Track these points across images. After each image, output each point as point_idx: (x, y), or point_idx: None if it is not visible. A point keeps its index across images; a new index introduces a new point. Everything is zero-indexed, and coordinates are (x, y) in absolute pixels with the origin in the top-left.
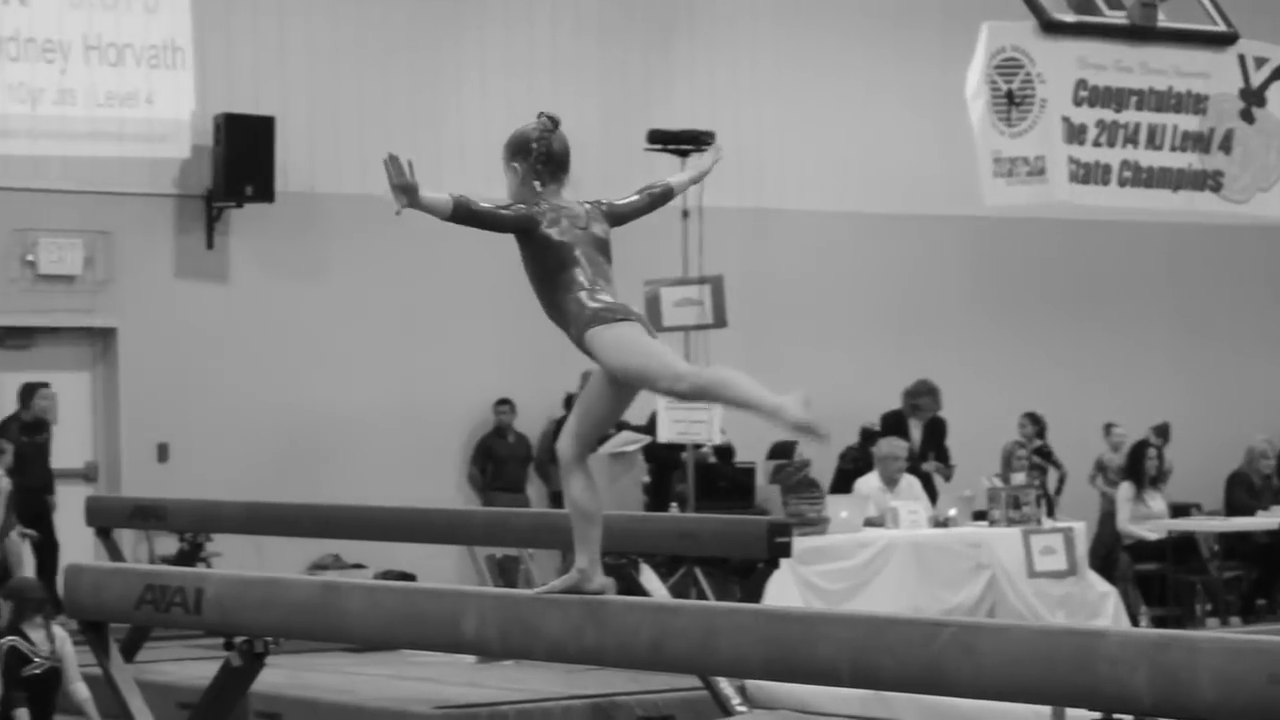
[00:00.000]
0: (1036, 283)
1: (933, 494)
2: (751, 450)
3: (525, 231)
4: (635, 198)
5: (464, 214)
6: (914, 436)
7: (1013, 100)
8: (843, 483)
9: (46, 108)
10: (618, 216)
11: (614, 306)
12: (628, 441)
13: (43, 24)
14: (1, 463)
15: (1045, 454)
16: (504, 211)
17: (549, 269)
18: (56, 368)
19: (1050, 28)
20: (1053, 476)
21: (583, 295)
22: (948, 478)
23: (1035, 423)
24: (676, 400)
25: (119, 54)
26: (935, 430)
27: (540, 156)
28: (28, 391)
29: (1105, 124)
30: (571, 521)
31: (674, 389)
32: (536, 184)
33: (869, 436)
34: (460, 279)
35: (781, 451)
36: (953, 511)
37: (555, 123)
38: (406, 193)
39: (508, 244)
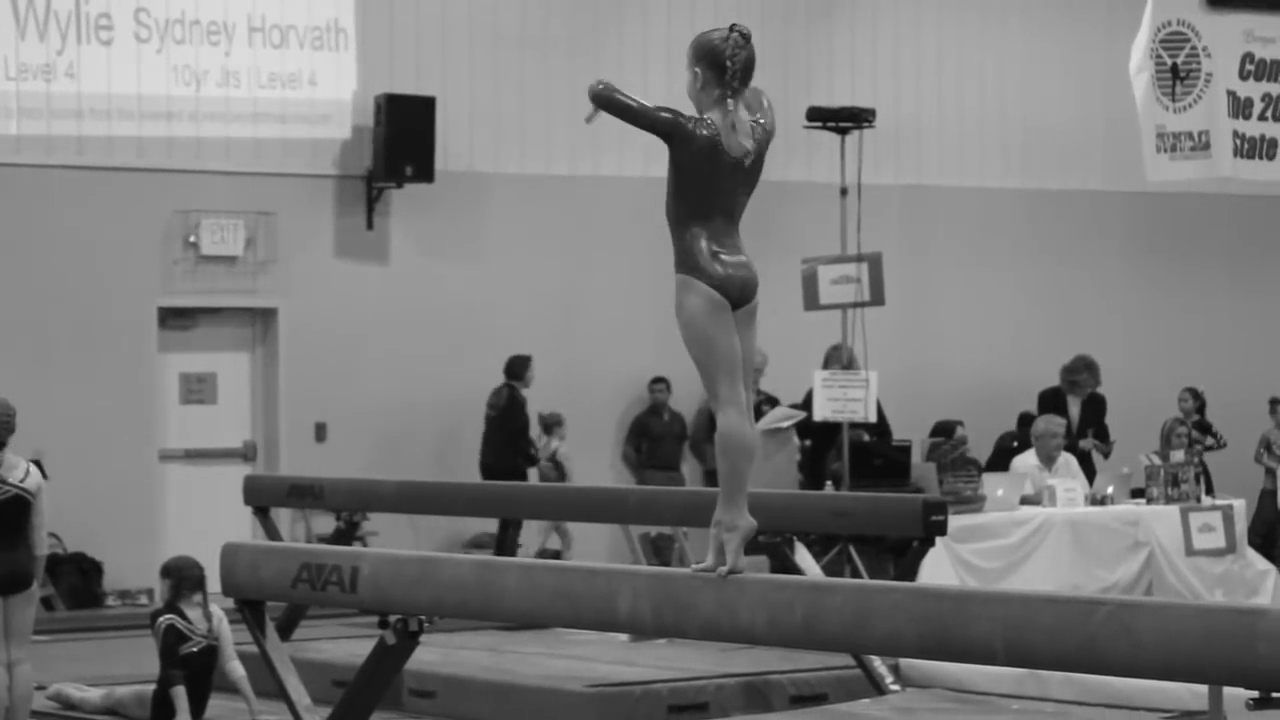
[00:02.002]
0: (1199, 258)
1: (1090, 472)
2: (906, 428)
3: (670, 136)
4: (770, 113)
5: (605, 100)
6: (1072, 414)
7: (1177, 75)
8: (1001, 462)
9: (210, 90)
10: (772, 132)
11: (716, 267)
12: (782, 418)
13: (208, 6)
14: None
15: (1205, 428)
16: (650, 111)
17: (684, 184)
18: (218, 348)
19: (1217, 1)
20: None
21: (701, 236)
22: (1106, 455)
23: (1196, 398)
24: (832, 378)
25: (282, 36)
26: (1094, 407)
27: (733, 72)
28: None
29: (1272, 98)
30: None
31: (711, 402)
32: (718, 92)
33: (1026, 421)
34: (617, 257)
35: (941, 430)
36: (1110, 489)
37: (747, 37)
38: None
39: (663, 223)
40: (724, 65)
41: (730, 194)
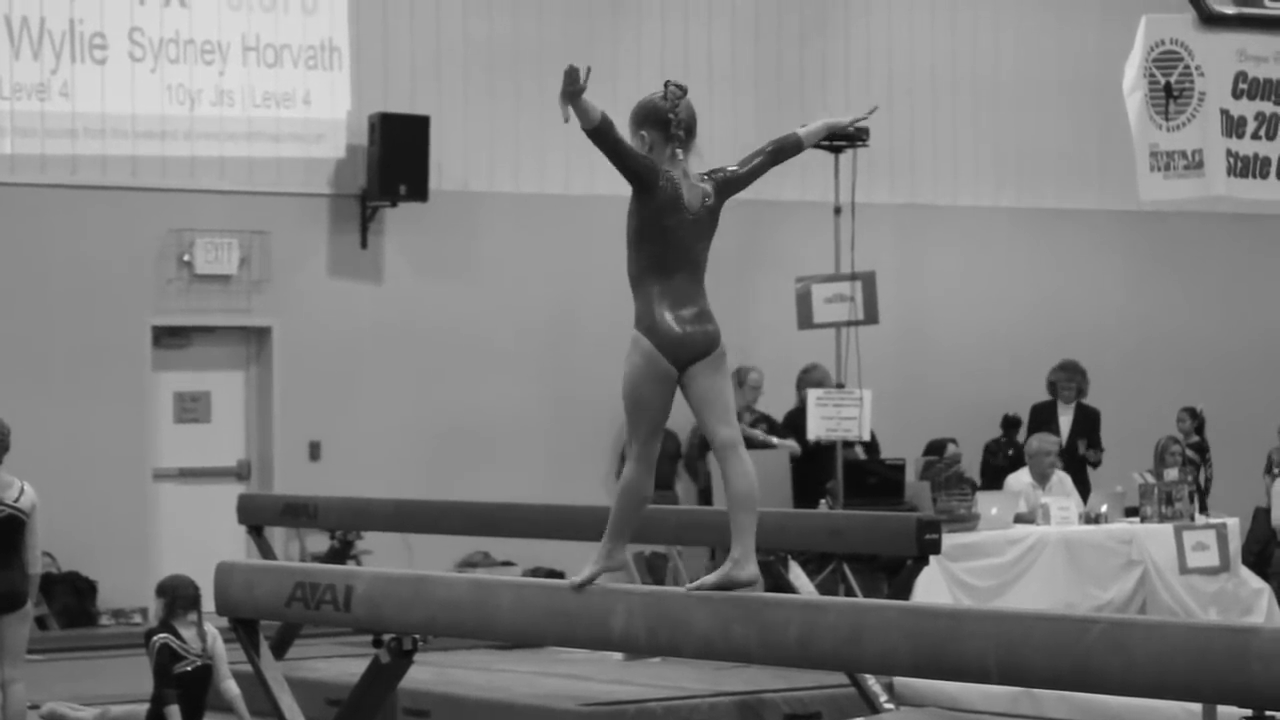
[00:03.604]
0: (1194, 276)
1: (1084, 491)
2: (900, 446)
3: (644, 183)
4: (758, 160)
5: (604, 133)
6: (1063, 424)
7: (1171, 93)
8: (990, 475)
9: (204, 109)
10: (735, 184)
11: (666, 333)
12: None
13: (202, 26)
14: None
15: (1203, 449)
16: (637, 152)
17: (645, 238)
18: (212, 367)
19: (1210, 20)
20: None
21: (652, 292)
22: (1096, 464)
23: (1194, 417)
24: (825, 396)
25: (277, 55)
26: (1086, 418)
27: (679, 124)
28: None
29: (1265, 117)
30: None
31: (625, 454)
32: (668, 150)
33: (1010, 425)
34: (611, 276)
35: (933, 448)
36: (1104, 507)
37: (683, 90)
38: (572, 98)
39: None
40: (667, 120)
41: (691, 248)
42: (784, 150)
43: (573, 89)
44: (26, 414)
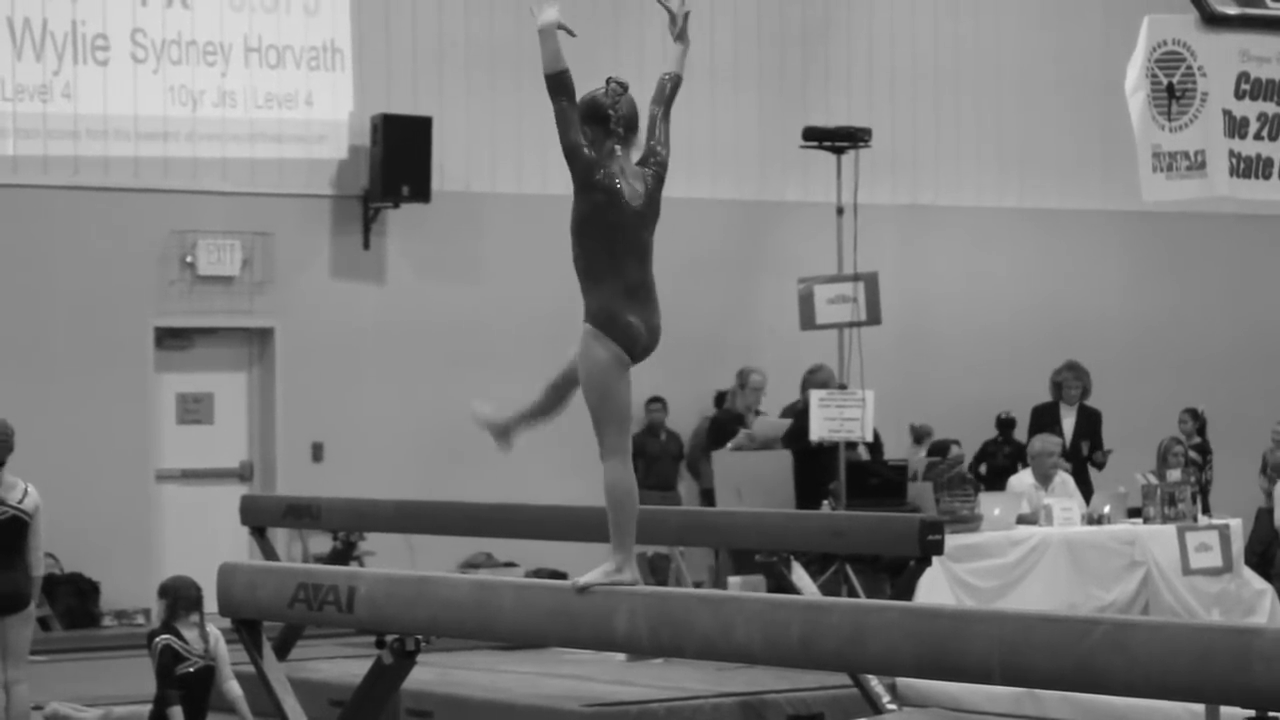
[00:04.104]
0: (1197, 277)
1: (1087, 491)
2: (902, 447)
3: (583, 172)
4: (664, 125)
5: (560, 84)
6: (1066, 426)
7: (1173, 94)
8: (990, 476)
9: (207, 110)
10: (666, 164)
11: (619, 323)
12: (770, 429)
13: (204, 27)
14: None
15: (1205, 450)
16: (576, 134)
17: (589, 235)
18: (215, 368)
19: (1212, 20)
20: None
21: (606, 283)
22: (1101, 465)
23: (1196, 418)
24: (828, 397)
25: (279, 56)
26: (1089, 419)
27: (618, 121)
28: None
29: (1268, 117)
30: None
31: (599, 449)
32: (607, 145)
33: (1005, 425)
34: None
35: (936, 449)
36: (1107, 508)
37: (624, 86)
38: (543, 32)
39: (665, 243)
40: (607, 116)
41: (636, 240)
42: (672, 97)
43: (548, 21)
44: (29, 415)
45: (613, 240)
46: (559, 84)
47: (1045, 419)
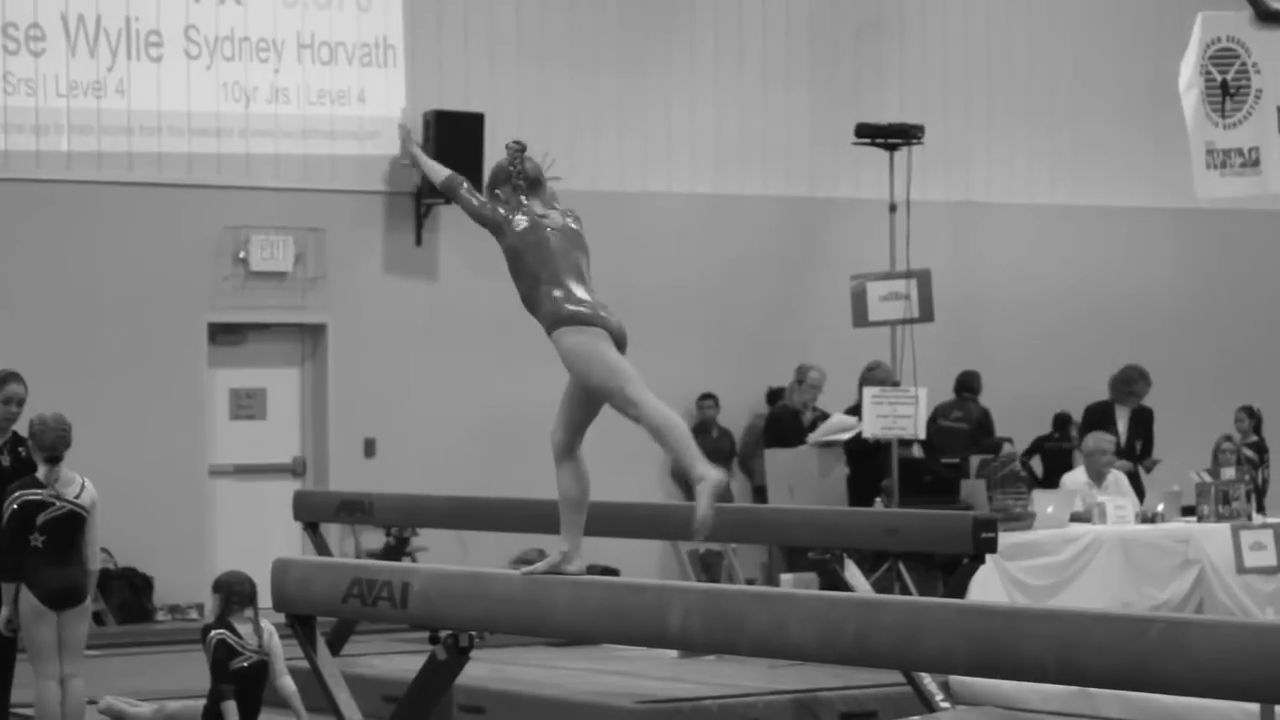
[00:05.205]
0: (1250, 274)
1: (1140, 490)
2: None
3: (497, 229)
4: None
5: (450, 191)
6: (1120, 427)
7: (1227, 91)
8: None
9: (260, 106)
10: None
11: (583, 309)
12: (840, 428)
13: (257, 23)
14: None
15: (1260, 448)
16: (481, 206)
17: (524, 264)
18: (267, 364)
19: (1267, 17)
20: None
21: (556, 292)
22: (1150, 469)
23: (1251, 416)
24: (881, 394)
25: (331, 52)
26: (1142, 419)
27: (519, 176)
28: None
29: None
30: (560, 506)
31: (625, 411)
32: (516, 199)
33: (1062, 422)
34: (666, 274)
35: (988, 447)
36: (1161, 507)
37: (522, 146)
38: (413, 157)
39: (716, 240)
40: (509, 174)
41: (567, 259)
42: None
43: (411, 149)
44: (83, 411)
45: (545, 260)
46: (450, 188)
47: (1100, 418)
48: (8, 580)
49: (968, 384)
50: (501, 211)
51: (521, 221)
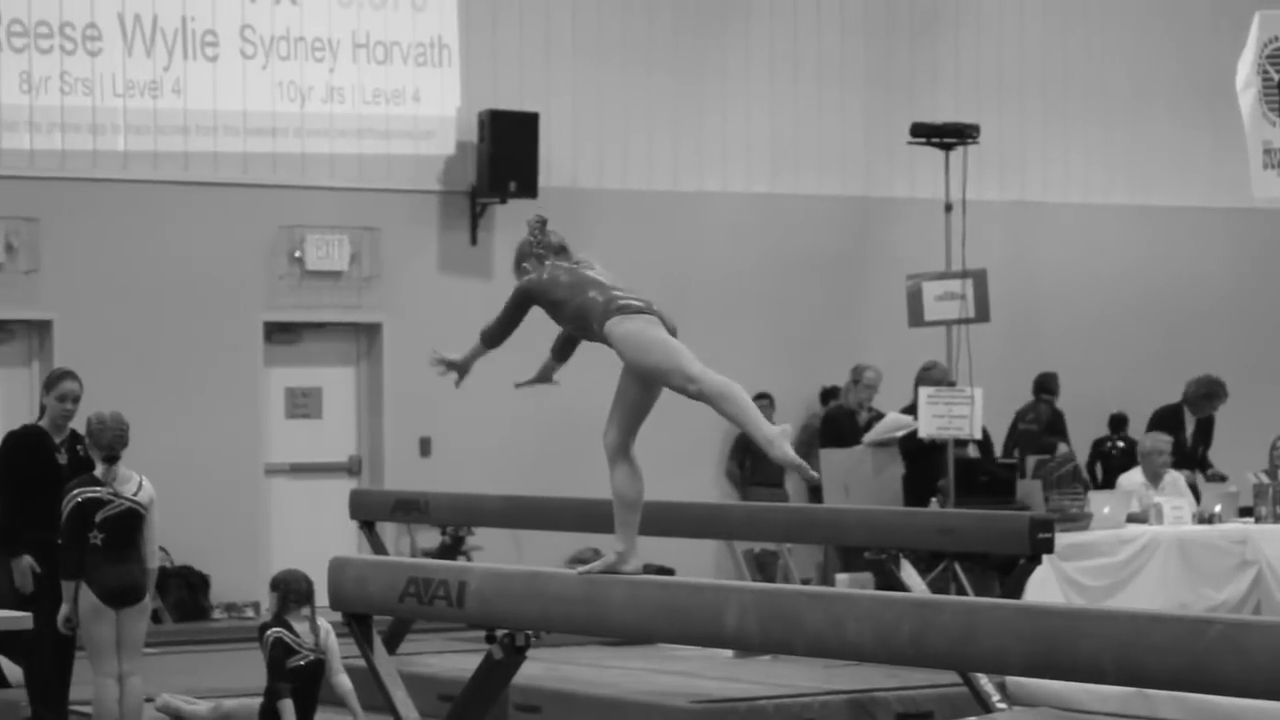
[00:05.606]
0: None
1: (1197, 491)
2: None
3: (532, 299)
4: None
5: (490, 338)
6: (1188, 432)
7: None
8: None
9: (315, 105)
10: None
11: (634, 300)
12: (895, 426)
13: (312, 23)
14: None
15: None
16: (510, 310)
17: (565, 292)
18: (323, 363)
19: None
20: None
21: (596, 293)
22: (1212, 480)
23: None
24: (937, 394)
25: (386, 52)
26: (1206, 426)
27: (543, 245)
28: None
29: None
30: (614, 506)
31: (684, 389)
32: (545, 263)
33: (1118, 423)
34: (720, 273)
35: (1045, 446)
36: (1218, 508)
37: (543, 220)
38: (462, 370)
39: (771, 240)
40: (533, 246)
41: (605, 277)
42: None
43: (445, 360)
44: (140, 409)
45: (584, 281)
46: (488, 337)
47: (1171, 423)
48: (68, 578)
49: (1046, 385)
50: (522, 291)
51: (554, 270)
